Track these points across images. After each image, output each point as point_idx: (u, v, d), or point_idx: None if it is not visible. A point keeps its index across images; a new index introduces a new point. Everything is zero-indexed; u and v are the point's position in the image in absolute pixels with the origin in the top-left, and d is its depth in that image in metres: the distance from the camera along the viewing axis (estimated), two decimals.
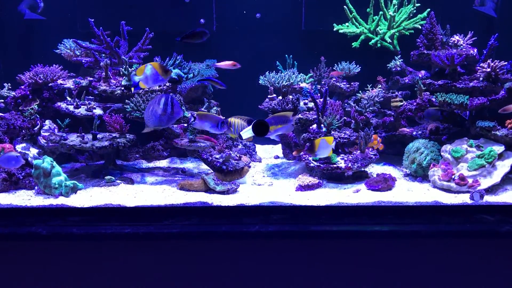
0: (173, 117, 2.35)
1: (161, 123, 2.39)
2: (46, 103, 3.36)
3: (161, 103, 2.32)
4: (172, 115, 2.34)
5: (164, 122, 2.37)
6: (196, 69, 3.69)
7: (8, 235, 2.15)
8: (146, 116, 2.39)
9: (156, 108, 2.32)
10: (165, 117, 2.34)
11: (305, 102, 3.57)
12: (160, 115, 2.33)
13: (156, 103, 2.34)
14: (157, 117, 2.34)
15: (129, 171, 3.17)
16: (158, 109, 2.32)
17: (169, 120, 2.35)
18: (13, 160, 2.57)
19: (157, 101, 2.35)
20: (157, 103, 2.34)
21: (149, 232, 2.12)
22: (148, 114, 2.39)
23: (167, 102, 2.32)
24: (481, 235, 2.17)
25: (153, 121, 2.37)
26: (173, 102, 2.33)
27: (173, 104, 2.34)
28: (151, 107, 2.37)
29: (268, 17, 4.00)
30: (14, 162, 2.57)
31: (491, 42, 3.31)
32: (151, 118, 2.37)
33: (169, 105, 2.32)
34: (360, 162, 2.95)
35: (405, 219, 2.29)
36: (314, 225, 2.19)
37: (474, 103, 3.03)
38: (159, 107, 2.32)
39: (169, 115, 2.33)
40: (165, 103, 2.32)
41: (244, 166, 2.99)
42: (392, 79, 3.72)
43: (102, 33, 3.31)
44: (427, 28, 3.45)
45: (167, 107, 2.32)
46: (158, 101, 2.34)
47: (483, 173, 2.73)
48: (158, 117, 2.34)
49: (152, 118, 2.36)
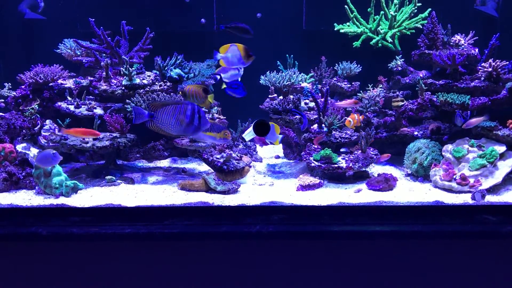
0: (200, 128, 2.23)
1: (185, 133, 2.28)
2: (47, 103, 3.36)
3: (188, 113, 2.19)
4: (199, 127, 2.22)
5: (189, 132, 2.25)
6: (196, 68, 3.68)
7: (8, 235, 2.15)
8: (167, 123, 2.21)
9: (182, 117, 2.18)
10: (191, 128, 2.21)
11: (306, 102, 3.57)
12: (187, 125, 2.20)
13: (182, 112, 2.19)
14: (182, 127, 2.20)
15: (130, 171, 3.16)
16: (185, 118, 2.19)
17: (195, 131, 2.23)
18: (50, 157, 2.56)
19: (183, 109, 2.20)
20: (182, 113, 2.19)
21: (150, 232, 2.12)
22: (170, 121, 2.21)
23: (194, 113, 2.19)
24: (482, 235, 2.16)
25: (177, 130, 2.23)
26: (200, 113, 2.21)
27: (200, 116, 2.21)
28: (175, 115, 2.20)
29: (269, 17, 3.99)
30: (52, 159, 2.57)
31: (493, 41, 3.30)
32: (175, 127, 2.21)
33: (196, 116, 2.20)
34: (361, 162, 2.94)
35: (406, 219, 2.29)
36: (315, 225, 2.19)
37: (476, 103, 3.03)
38: (184, 116, 2.19)
39: (196, 127, 2.21)
40: (192, 113, 2.19)
41: (245, 166, 2.98)
42: (393, 79, 3.71)
43: (102, 32, 3.31)
44: (428, 27, 3.44)
45: (194, 118, 2.19)
46: (185, 110, 2.19)
47: (484, 173, 2.73)
48: (184, 127, 2.20)
49: (176, 127, 2.21)
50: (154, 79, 3.35)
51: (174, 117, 2.19)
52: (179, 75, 3.37)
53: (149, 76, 3.35)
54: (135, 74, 3.26)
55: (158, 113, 2.19)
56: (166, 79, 3.40)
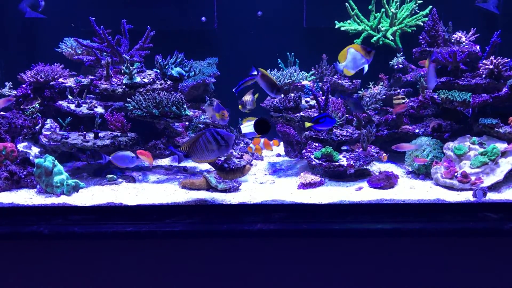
0: (229, 144, 2.33)
1: (222, 153, 2.39)
2: (48, 101, 3.36)
3: (210, 139, 2.29)
4: (227, 144, 2.31)
5: (224, 151, 2.36)
6: (197, 67, 3.69)
7: (10, 234, 2.15)
8: (202, 155, 2.33)
9: (209, 146, 2.29)
10: (223, 148, 2.32)
11: (307, 100, 3.56)
12: (218, 150, 2.31)
13: (206, 141, 2.30)
14: (215, 152, 2.32)
15: (131, 169, 3.16)
16: (212, 145, 2.29)
17: (227, 148, 2.34)
18: (128, 159, 2.66)
19: (204, 139, 2.30)
20: (206, 141, 2.29)
21: (151, 230, 2.12)
22: (203, 153, 2.33)
23: (215, 137, 2.29)
24: (484, 232, 2.16)
25: (214, 155, 2.35)
26: (219, 133, 2.30)
27: (221, 135, 2.30)
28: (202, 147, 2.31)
29: (270, 15, 3.99)
30: (128, 161, 2.66)
31: (494, 39, 3.29)
32: (210, 155, 2.33)
33: (219, 138, 2.29)
34: (362, 160, 2.94)
35: (407, 217, 2.29)
36: (316, 223, 2.19)
37: (477, 100, 3.02)
38: (210, 143, 2.29)
39: (225, 145, 2.31)
40: (214, 138, 2.29)
41: (246, 165, 2.98)
42: (394, 77, 3.71)
43: (103, 31, 3.31)
44: (429, 25, 3.44)
45: (218, 141, 2.29)
46: (206, 139, 2.30)
47: (486, 170, 2.72)
48: (216, 152, 2.32)
49: (211, 155, 2.33)
50: (155, 77, 3.35)
51: (204, 148, 2.31)
52: (179, 74, 3.37)
53: (150, 75, 3.35)
54: (136, 73, 3.26)
55: (191, 152, 2.33)
56: (166, 77, 3.40)
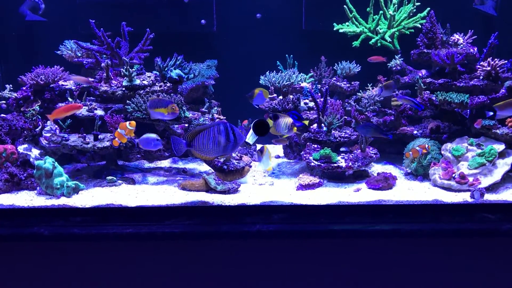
0: (238, 143, 2.24)
1: (225, 152, 2.28)
2: (48, 104, 3.37)
3: (222, 132, 2.20)
4: (236, 142, 2.23)
5: (229, 150, 2.26)
6: (196, 69, 3.70)
7: (10, 235, 2.16)
8: (206, 147, 2.23)
9: (218, 138, 2.20)
10: (230, 146, 2.22)
11: (305, 102, 3.58)
12: (225, 145, 2.22)
13: (216, 133, 2.21)
14: (221, 147, 2.22)
15: (131, 171, 3.17)
16: (221, 138, 2.20)
17: (233, 147, 2.25)
18: (153, 142, 2.66)
19: (215, 130, 2.21)
20: (217, 133, 2.20)
21: (151, 232, 2.13)
22: (207, 145, 2.22)
23: (228, 131, 2.21)
24: (482, 233, 2.17)
25: (216, 152, 2.25)
26: (233, 129, 2.23)
27: (234, 131, 2.22)
28: (211, 138, 2.22)
29: (269, 17, 4.00)
30: (153, 144, 2.66)
31: (491, 40, 3.31)
32: (214, 150, 2.23)
33: (230, 133, 2.21)
34: (361, 161, 2.95)
35: (405, 218, 2.29)
36: (315, 225, 2.20)
37: (475, 101, 3.04)
38: (220, 136, 2.20)
39: (233, 143, 2.22)
40: (226, 132, 2.20)
41: (245, 166, 3.00)
42: (393, 78, 3.73)
43: (103, 34, 3.32)
44: (427, 27, 3.45)
45: (229, 136, 2.20)
46: (218, 131, 2.21)
47: (483, 171, 2.74)
48: (222, 147, 2.22)
49: (215, 150, 2.23)
50: (154, 79, 3.36)
51: (210, 140, 2.22)
52: (179, 76, 3.38)
53: (149, 77, 3.37)
54: (136, 75, 3.27)
55: (195, 141, 2.22)
56: (166, 79, 3.41)
